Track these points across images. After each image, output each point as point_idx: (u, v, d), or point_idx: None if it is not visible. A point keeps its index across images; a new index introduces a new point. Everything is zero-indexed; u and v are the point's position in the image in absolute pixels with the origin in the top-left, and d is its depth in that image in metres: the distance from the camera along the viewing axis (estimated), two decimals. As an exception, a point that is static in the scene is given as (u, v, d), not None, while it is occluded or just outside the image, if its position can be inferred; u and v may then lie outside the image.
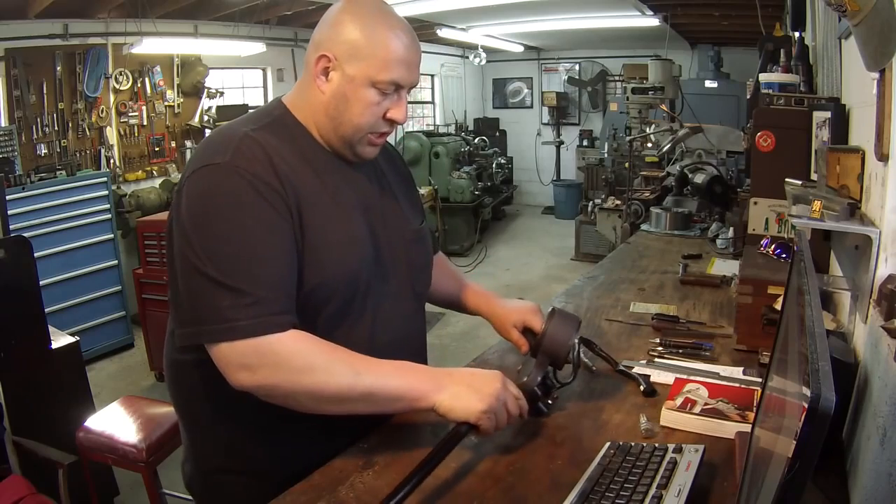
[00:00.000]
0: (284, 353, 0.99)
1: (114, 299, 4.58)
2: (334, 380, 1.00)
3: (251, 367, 0.98)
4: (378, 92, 1.09)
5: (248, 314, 0.97)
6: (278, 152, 1.08)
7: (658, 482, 0.93)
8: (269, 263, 1.01)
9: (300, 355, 1.00)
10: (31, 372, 2.48)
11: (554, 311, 1.27)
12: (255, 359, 0.98)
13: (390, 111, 1.11)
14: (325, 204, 1.10)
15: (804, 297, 0.75)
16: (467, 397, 1.04)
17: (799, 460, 0.51)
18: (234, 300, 0.97)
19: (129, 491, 2.76)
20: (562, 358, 1.22)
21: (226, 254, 0.99)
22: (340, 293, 1.11)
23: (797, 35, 2.96)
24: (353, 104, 1.09)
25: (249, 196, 1.01)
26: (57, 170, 4.41)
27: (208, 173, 1.03)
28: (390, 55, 1.07)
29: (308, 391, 1.00)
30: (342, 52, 1.08)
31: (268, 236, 1.02)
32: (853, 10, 1.10)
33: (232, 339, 0.97)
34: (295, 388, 0.99)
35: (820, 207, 1.26)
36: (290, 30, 6.31)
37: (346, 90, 1.09)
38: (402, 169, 1.38)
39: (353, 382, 1.00)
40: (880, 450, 0.85)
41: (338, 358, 1.02)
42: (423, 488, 1.00)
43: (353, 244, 1.13)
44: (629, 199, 3.91)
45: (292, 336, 1.00)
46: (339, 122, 1.11)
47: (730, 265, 2.30)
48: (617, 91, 9.00)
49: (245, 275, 0.98)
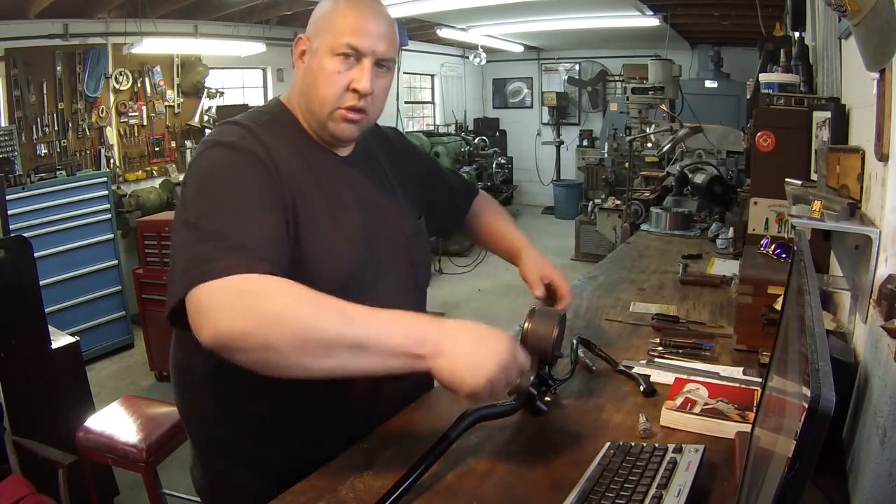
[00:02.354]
0: (266, 293, 0.88)
1: (114, 299, 4.58)
2: (322, 324, 0.88)
3: (225, 310, 0.86)
4: (340, 60, 1.09)
5: (230, 256, 0.90)
6: (276, 149, 1.09)
7: (658, 482, 0.93)
8: (259, 220, 0.98)
9: (284, 295, 0.89)
10: (31, 372, 2.48)
11: (533, 310, 1.28)
12: (233, 299, 0.87)
13: (353, 81, 1.11)
14: (318, 202, 1.11)
15: (804, 297, 0.75)
16: (469, 368, 0.91)
17: (799, 460, 0.51)
18: (216, 243, 0.92)
19: (129, 491, 2.77)
20: (548, 353, 1.22)
21: (219, 210, 0.97)
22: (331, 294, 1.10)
23: (797, 35, 2.96)
24: (318, 76, 1.11)
25: (250, 167, 1.03)
26: (57, 170, 4.41)
27: (218, 150, 1.06)
28: (346, 20, 1.09)
29: (291, 337, 0.86)
30: (311, 31, 1.14)
31: (262, 202, 1.01)
32: (853, 10, 1.10)
33: (209, 279, 0.88)
34: (276, 333, 0.86)
35: (820, 207, 1.26)
36: (290, 30, 6.31)
37: (312, 64, 1.12)
38: (400, 152, 1.38)
39: (343, 329, 0.88)
40: (880, 450, 0.85)
41: (327, 302, 0.90)
42: (423, 488, 1.00)
43: (345, 244, 1.13)
44: (629, 199, 3.90)
45: (277, 279, 0.90)
46: (310, 99, 1.13)
47: (730, 265, 2.30)
48: (617, 91, 9.01)
49: (233, 223, 0.95)
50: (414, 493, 0.99)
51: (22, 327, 2.52)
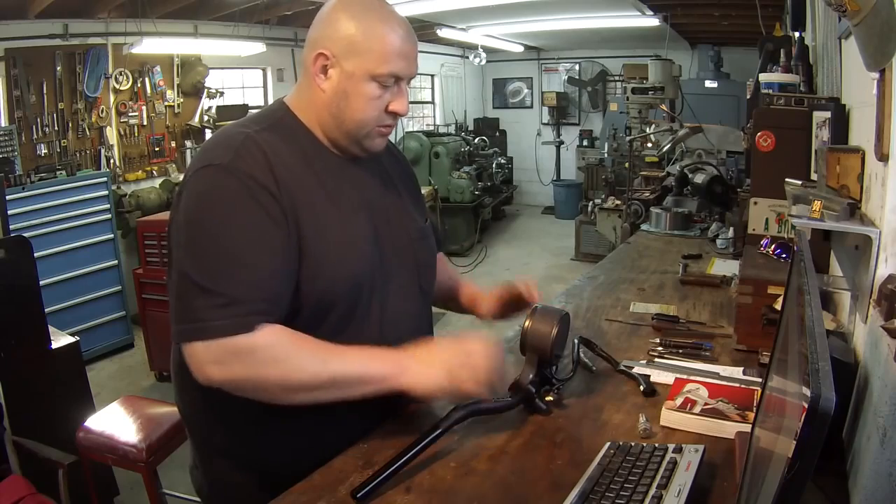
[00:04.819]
0: (253, 349, 1.00)
1: (114, 299, 4.58)
2: (300, 369, 1.02)
3: (221, 363, 1.00)
4: (378, 85, 1.09)
5: (221, 315, 0.98)
6: (279, 154, 1.08)
7: (658, 482, 0.93)
8: (249, 266, 1.01)
9: (268, 349, 1.01)
10: (31, 372, 2.48)
11: (535, 308, 1.28)
12: (226, 356, 1.00)
13: (392, 104, 1.12)
14: (324, 207, 1.11)
15: (804, 297, 0.75)
16: (427, 373, 1.07)
17: (799, 460, 0.51)
18: (207, 300, 0.99)
19: (129, 491, 2.76)
20: (547, 351, 1.22)
21: (209, 255, 1.01)
22: (343, 296, 1.11)
23: (797, 35, 2.96)
24: (355, 99, 1.10)
25: (241, 199, 1.03)
26: (57, 170, 4.41)
27: (208, 174, 1.05)
28: (387, 48, 1.08)
29: (276, 382, 1.02)
30: (339, 48, 1.08)
31: (254, 240, 1.02)
32: (853, 10, 1.10)
33: (203, 339, 0.99)
34: (264, 380, 1.02)
35: (820, 207, 1.26)
36: (290, 30, 6.31)
37: (347, 86, 1.09)
38: (406, 168, 1.39)
39: (318, 370, 1.03)
40: (880, 450, 0.85)
41: (305, 348, 1.04)
42: (423, 488, 1.01)
43: (353, 247, 1.13)
44: (629, 199, 3.90)
45: (262, 332, 1.01)
46: (343, 119, 1.12)
47: (730, 265, 2.30)
48: (617, 91, 9.00)
49: (223, 276, 1.00)
50: (415, 493, 1.00)
51: (22, 327, 2.52)
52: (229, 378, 1.01)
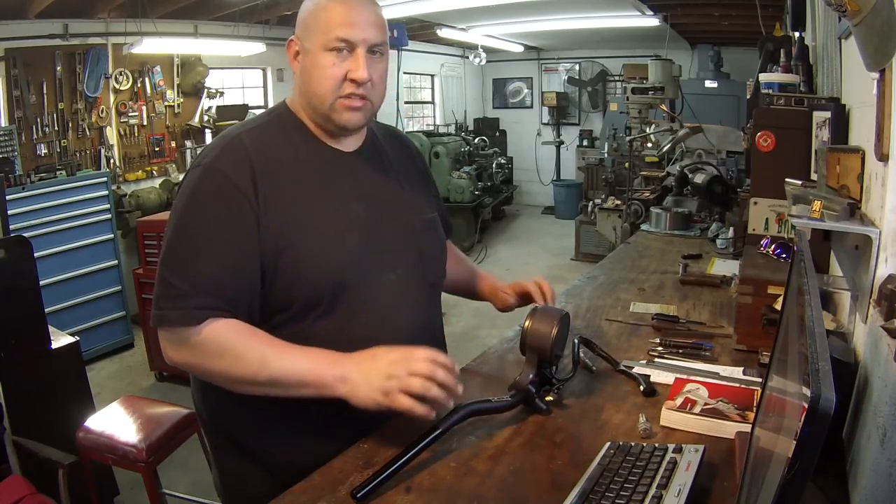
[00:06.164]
0: (199, 341, 1.06)
1: (114, 299, 4.58)
2: (240, 366, 1.07)
3: (175, 349, 1.09)
4: (332, 55, 1.12)
5: (173, 305, 1.06)
6: (266, 151, 1.13)
7: (658, 482, 0.93)
8: (204, 262, 1.07)
9: (215, 341, 1.07)
10: (31, 372, 2.48)
11: (535, 308, 1.29)
12: (178, 343, 1.09)
13: (350, 71, 1.13)
14: (310, 198, 1.14)
15: (804, 297, 0.75)
16: (364, 382, 1.05)
17: (799, 460, 0.51)
18: (165, 290, 1.07)
19: (129, 491, 2.76)
20: (547, 351, 1.22)
21: (174, 248, 1.09)
22: (330, 287, 1.13)
23: (797, 35, 2.96)
24: (314, 72, 1.14)
25: (210, 198, 1.09)
26: (57, 170, 4.41)
27: (194, 173, 1.13)
28: (332, 15, 1.12)
29: (220, 373, 1.09)
30: (300, 30, 1.16)
31: (212, 237, 1.08)
32: (853, 10, 1.10)
33: (162, 325, 1.08)
34: (209, 369, 1.09)
35: (820, 207, 1.26)
36: (290, 30, 6.14)
37: (307, 63, 1.15)
38: (416, 160, 1.41)
39: (257, 369, 1.06)
40: (880, 450, 0.85)
41: (249, 345, 1.07)
42: (423, 488, 1.01)
43: (339, 238, 1.15)
44: (629, 199, 3.91)
45: (211, 325, 1.06)
46: (310, 97, 1.16)
47: (730, 265, 2.30)
48: (617, 91, 9.01)
49: (180, 269, 1.07)
50: (415, 493, 1.00)
51: (22, 327, 2.52)
52: (183, 362, 1.10)
